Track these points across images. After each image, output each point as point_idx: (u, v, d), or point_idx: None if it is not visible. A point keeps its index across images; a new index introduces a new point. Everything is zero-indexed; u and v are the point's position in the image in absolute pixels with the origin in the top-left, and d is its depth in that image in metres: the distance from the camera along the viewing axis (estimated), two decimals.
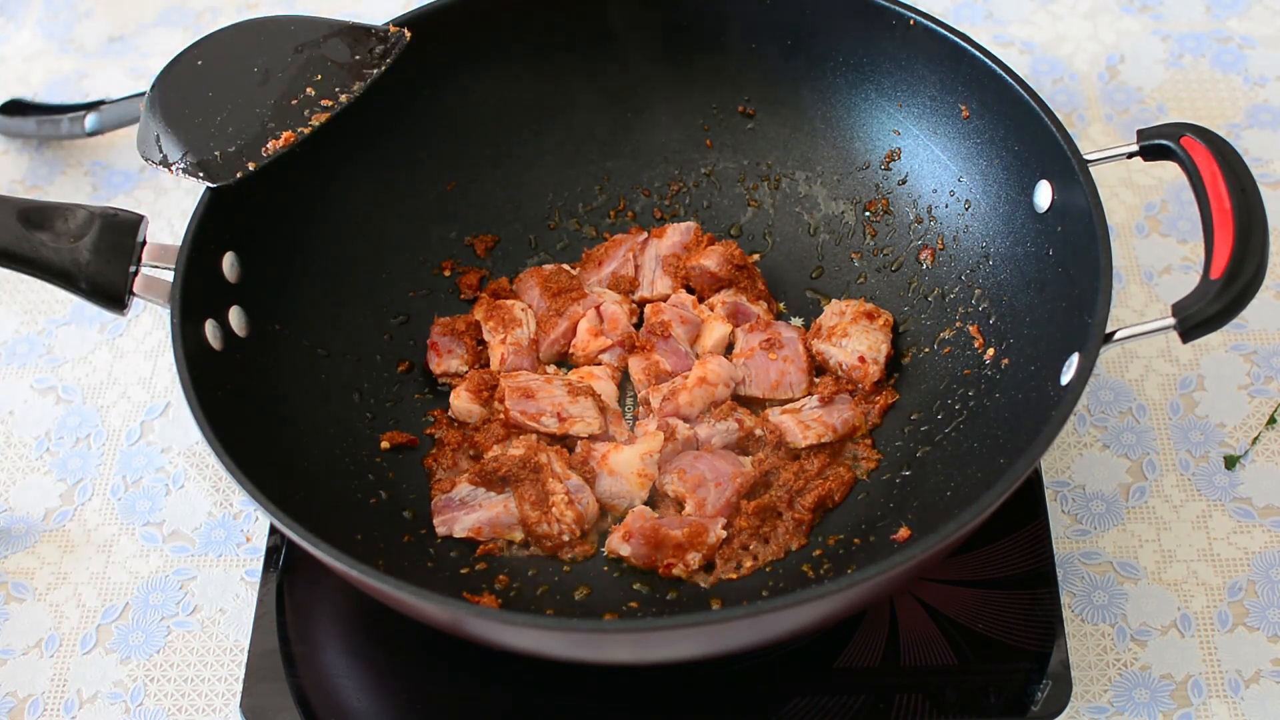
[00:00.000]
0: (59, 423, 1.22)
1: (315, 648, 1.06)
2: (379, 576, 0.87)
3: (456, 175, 1.22)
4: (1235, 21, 1.41)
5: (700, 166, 1.24)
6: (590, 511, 1.07)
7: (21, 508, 1.17)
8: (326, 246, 1.16)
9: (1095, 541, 1.09)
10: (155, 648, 1.09)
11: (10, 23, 1.54)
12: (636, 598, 1.04)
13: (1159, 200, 1.28)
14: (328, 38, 1.11)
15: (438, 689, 1.04)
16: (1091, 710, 1.02)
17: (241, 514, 1.16)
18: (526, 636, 0.90)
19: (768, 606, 0.84)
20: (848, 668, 1.02)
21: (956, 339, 1.11)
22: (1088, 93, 1.37)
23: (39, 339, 1.28)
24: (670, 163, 1.25)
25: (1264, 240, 0.91)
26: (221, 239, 1.07)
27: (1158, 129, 0.99)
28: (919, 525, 1.02)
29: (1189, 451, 1.14)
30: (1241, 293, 0.90)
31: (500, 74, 1.21)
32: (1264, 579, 1.07)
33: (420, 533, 1.08)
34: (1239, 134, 1.32)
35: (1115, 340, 0.93)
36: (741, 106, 1.23)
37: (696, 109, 1.24)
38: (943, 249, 1.15)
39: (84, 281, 1.01)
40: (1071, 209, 1.01)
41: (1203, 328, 0.91)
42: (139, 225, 1.04)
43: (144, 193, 1.37)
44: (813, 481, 1.07)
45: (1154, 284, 1.23)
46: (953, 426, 1.07)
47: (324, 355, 1.13)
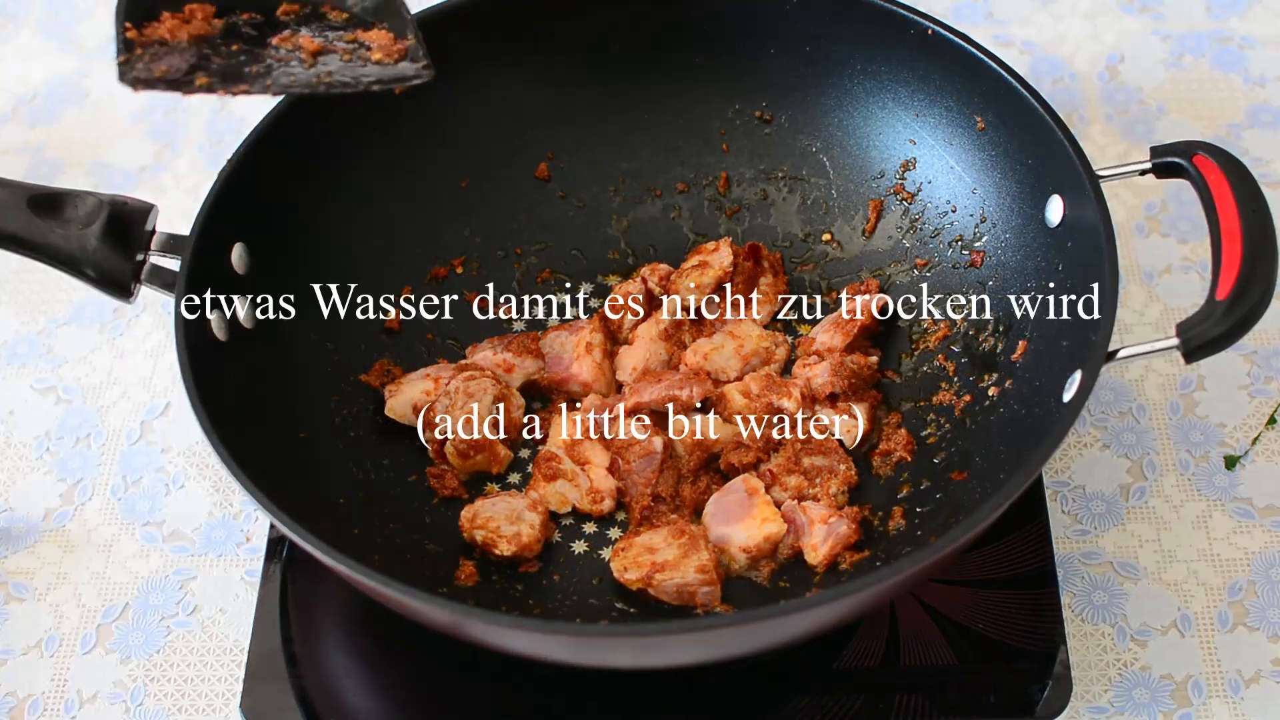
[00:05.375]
0: (59, 423, 1.22)
1: (316, 647, 1.06)
2: (379, 578, 0.87)
3: (470, 172, 1.22)
4: (1235, 21, 1.41)
5: (715, 170, 1.24)
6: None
7: (21, 508, 1.17)
8: (337, 240, 1.16)
9: (1095, 541, 1.09)
10: (155, 648, 1.09)
11: (10, 23, 1.54)
12: (636, 602, 1.04)
13: (1159, 200, 1.28)
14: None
15: (438, 689, 1.04)
16: (1091, 710, 1.02)
17: (241, 514, 1.16)
18: (526, 640, 0.90)
19: (766, 613, 0.85)
20: (848, 668, 1.02)
21: (961, 351, 1.11)
22: (1088, 93, 1.37)
23: (39, 339, 1.28)
24: (686, 166, 1.25)
25: (1272, 264, 0.91)
26: (231, 229, 1.07)
27: (1170, 146, 0.99)
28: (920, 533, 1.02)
29: (1189, 451, 1.14)
30: (1247, 315, 0.90)
31: (515, 72, 1.21)
32: (1264, 579, 1.07)
33: (424, 539, 1.08)
34: (1239, 134, 1.32)
35: (1118, 359, 0.93)
36: (759, 112, 1.23)
37: (714, 113, 1.24)
38: (956, 260, 1.15)
39: (91, 269, 1.01)
40: (1081, 224, 1.01)
41: (1206, 349, 0.91)
42: (148, 214, 1.03)
43: (144, 192, 1.37)
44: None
45: (1154, 284, 1.23)
46: (954, 440, 1.07)
47: (330, 349, 1.13)
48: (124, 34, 0.92)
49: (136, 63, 0.92)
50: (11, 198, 1.00)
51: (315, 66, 0.95)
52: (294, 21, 0.98)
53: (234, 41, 0.96)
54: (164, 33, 0.94)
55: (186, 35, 0.95)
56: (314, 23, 0.98)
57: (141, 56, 0.92)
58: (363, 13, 0.99)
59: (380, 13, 0.99)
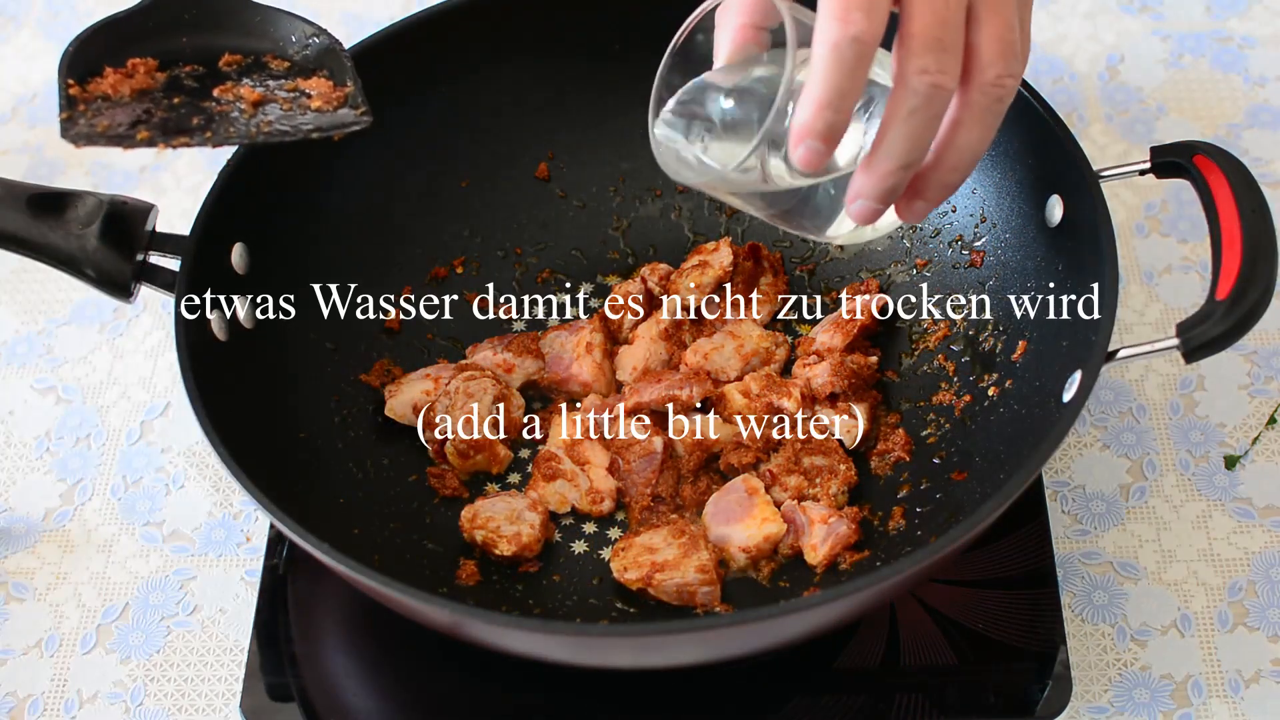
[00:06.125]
0: (59, 423, 1.22)
1: (316, 647, 1.06)
2: (379, 578, 0.87)
3: (470, 173, 1.22)
4: (1235, 21, 1.41)
5: None
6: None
7: (21, 508, 1.17)
8: (337, 240, 1.16)
9: (1095, 541, 1.09)
10: (155, 648, 1.09)
11: (10, 23, 1.54)
12: (636, 602, 1.04)
13: (1159, 200, 1.28)
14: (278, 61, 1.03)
15: (439, 689, 1.04)
16: (1091, 710, 1.02)
17: (241, 514, 1.16)
18: (526, 640, 0.90)
19: (766, 613, 0.85)
20: (848, 668, 1.02)
21: (961, 351, 1.11)
22: (1088, 93, 1.37)
23: (39, 339, 1.28)
24: None
25: (1272, 264, 0.90)
26: (231, 229, 1.07)
27: (1170, 147, 0.99)
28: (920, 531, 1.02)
29: (1189, 451, 1.14)
30: (1247, 315, 0.89)
31: (515, 73, 1.21)
32: (1264, 579, 1.07)
33: (424, 539, 1.08)
34: (1239, 134, 1.32)
35: (1118, 359, 0.93)
36: None
37: None
38: (956, 260, 1.15)
39: (91, 269, 1.01)
40: (1081, 225, 1.01)
41: (1207, 349, 0.91)
42: (148, 214, 1.03)
43: (144, 192, 1.37)
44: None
45: (1154, 284, 1.23)
46: (953, 440, 1.07)
47: (330, 349, 1.13)
48: (67, 91, 0.93)
49: (79, 119, 0.93)
50: (11, 197, 1.00)
51: (255, 116, 0.96)
52: (236, 72, 1.00)
53: (176, 94, 0.97)
54: (107, 88, 0.95)
55: (129, 90, 0.96)
56: (256, 73, 1.00)
57: (84, 113, 0.93)
58: (304, 61, 1.01)
59: (323, 60, 1.01)
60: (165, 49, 0.99)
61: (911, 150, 0.83)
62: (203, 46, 1.00)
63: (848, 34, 0.79)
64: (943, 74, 0.81)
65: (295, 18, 1.02)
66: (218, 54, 1.00)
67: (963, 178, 0.87)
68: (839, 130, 0.82)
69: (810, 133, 0.81)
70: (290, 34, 1.01)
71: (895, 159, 0.84)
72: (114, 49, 0.97)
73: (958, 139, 0.85)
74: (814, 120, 0.81)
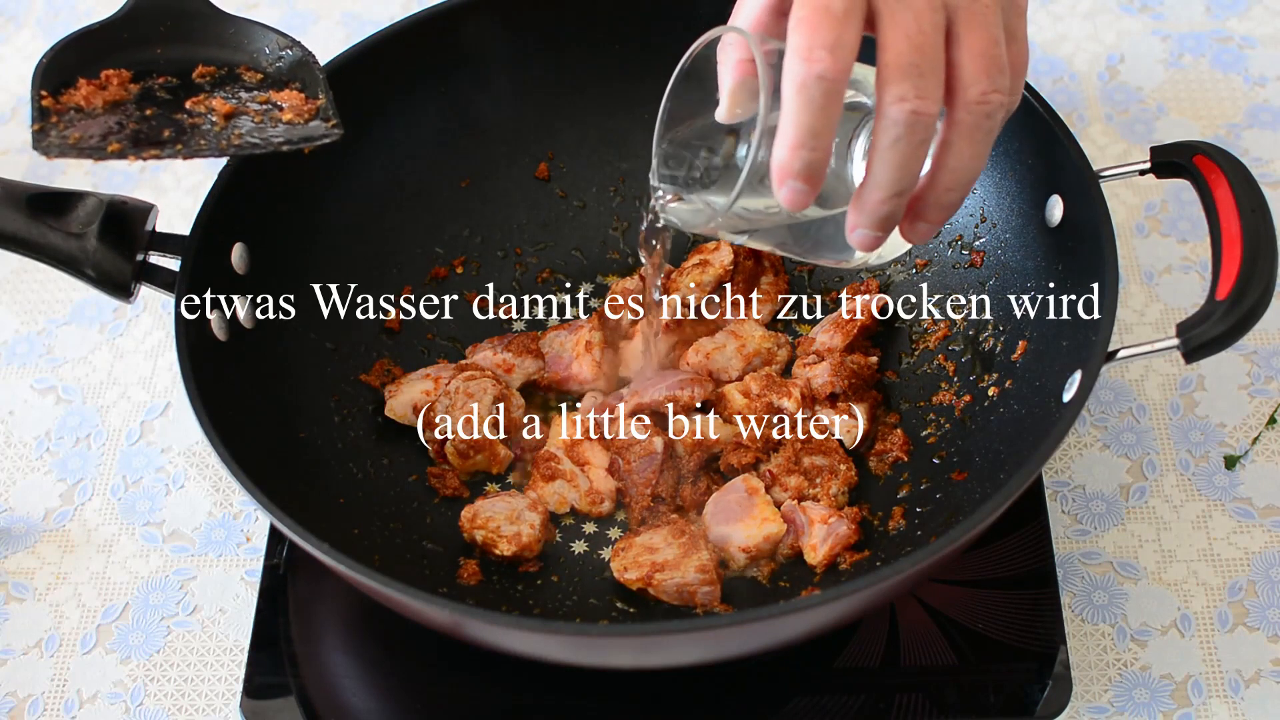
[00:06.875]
0: (59, 423, 1.22)
1: (316, 647, 1.06)
2: (379, 578, 0.87)
3: (470, 173, 1.22)
4: (1235, 21, 1.41)
5: None
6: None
7: (21, 508, 1.17)
8: (337, 240, 1.15)
9: (1095, 541, 1.09)
10: (155, 648, 1.09)
11: (10, 23, 1.54)
12: (636, 602, 1.04)
13: (1159, 200, 1.28)
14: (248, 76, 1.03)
15: (439, 689, 1.04)
16: (1091, 710, 1.02)
17: (241, 514, 1.16)
18: (526, 640, 0.90)
19: (766, 613, 0.85)
20: (848, 668, 1.02)
21: (961, 351, 1.11)
22: (1088, 93, 1.37)
23: (39, 339, 1.28)
24: None
25: (1272, 264, 0.90)
26: (231, 229, 1.07)
27: (1170, 147, 0.99)
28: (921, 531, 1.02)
29: (1189, 451, 1.14)
30: (1247, 315, 0.89)
31: (515, 72, 1.21)
32: (1264, 579, 1.07)
33: (423, 539, 1.08)
34: (1239, 134, 1.32)
35: (1118, 359, 0.93)
36: None
37: None
38: (956, 260, 1.15)
39: (90, 269, 1.01)
40: (1081, 225, 1.01)
41: (1207, 349, 0.91)
42: (148, 214, 1.03)
43: (144, 192, 1.37)
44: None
45: (1154, 284, 1.23)
46: (954, 440, 1.07)
47: (330, 349, 1.13)
48: (39, 102, 0.93)
49: (51, 130, 0.93)
50: (11, 198, 1.00)
51: (227, 129, 0.96)
52: (209, 84, 1.00)
53: (149, 106, 0.97)
54: (80, 100, 0.95)
55: (102, 101, 0.96)
56: (229, 85, 1.00)
57: (56, 125, 0.93)
58: (277, 73, 1.01)
59: (295, 72, 1.01)
60: (139, 60, 1.00)
61: (901, 179, 0.82)
62: (177, 58, 1.01)
63: (813, 73, 0.78)
64: (921, 99, 0.80)
65: (269, 30, 1.02)
66: (191, 66, 1.00)
67: (962, 196, 0.86)
68: (818, 167, 0.81)
69: (789, 173, 0.81)
70: (264, 46, 1.02)
71: (885, 189, 0.83)
72: (88, 60, 0.98)
73: (949, 160, 0.84)
74: (790, 161, 0.80)
